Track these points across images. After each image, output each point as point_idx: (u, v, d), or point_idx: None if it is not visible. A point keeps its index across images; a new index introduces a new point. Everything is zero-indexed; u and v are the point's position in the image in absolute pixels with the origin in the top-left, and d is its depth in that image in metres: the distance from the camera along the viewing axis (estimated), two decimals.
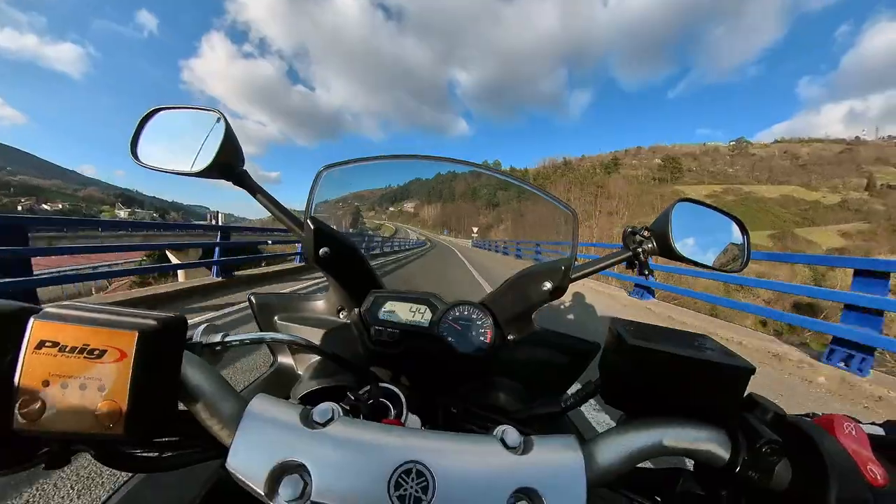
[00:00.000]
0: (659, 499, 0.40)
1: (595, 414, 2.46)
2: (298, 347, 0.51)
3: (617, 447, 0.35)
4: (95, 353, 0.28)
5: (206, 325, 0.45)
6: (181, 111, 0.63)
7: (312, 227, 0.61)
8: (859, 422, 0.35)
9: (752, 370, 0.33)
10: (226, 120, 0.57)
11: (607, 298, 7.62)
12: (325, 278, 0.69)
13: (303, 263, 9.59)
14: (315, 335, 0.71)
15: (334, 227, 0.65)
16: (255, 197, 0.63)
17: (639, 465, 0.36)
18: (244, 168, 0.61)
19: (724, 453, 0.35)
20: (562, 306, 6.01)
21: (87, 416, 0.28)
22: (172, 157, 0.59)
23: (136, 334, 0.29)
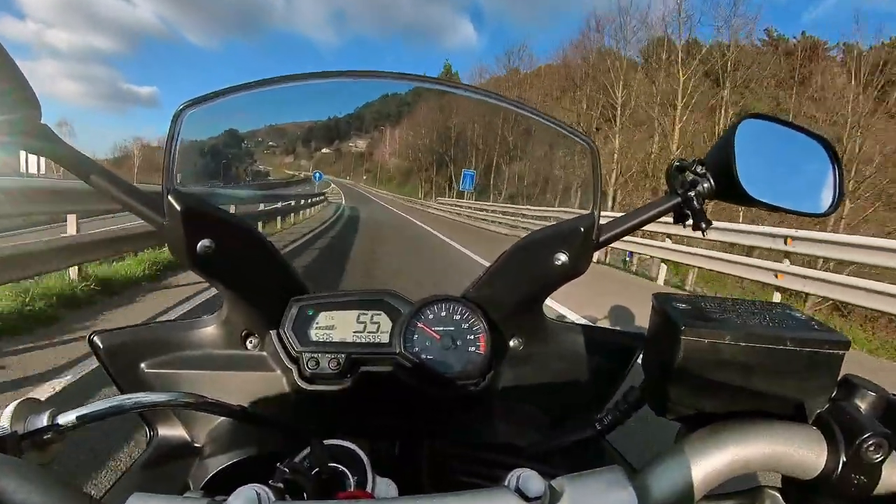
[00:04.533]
0: None
1: None
2: (187, 408, 0.41)
3: (680, 474, 0.30)
4: None
5: (18, 402, 0.34)
6: None
7: (179, 207, 0.44)
8: None
9: (847, 343, 0.31)
10: None
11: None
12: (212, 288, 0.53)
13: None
14: (210, 383, 0.56)
15: (213, 204, 0.49)
16: (76, 172, 0.43)
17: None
18: (42, 122, 0.42)
19: (818, 458, 0.30)
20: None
21: None
22: None
23: None
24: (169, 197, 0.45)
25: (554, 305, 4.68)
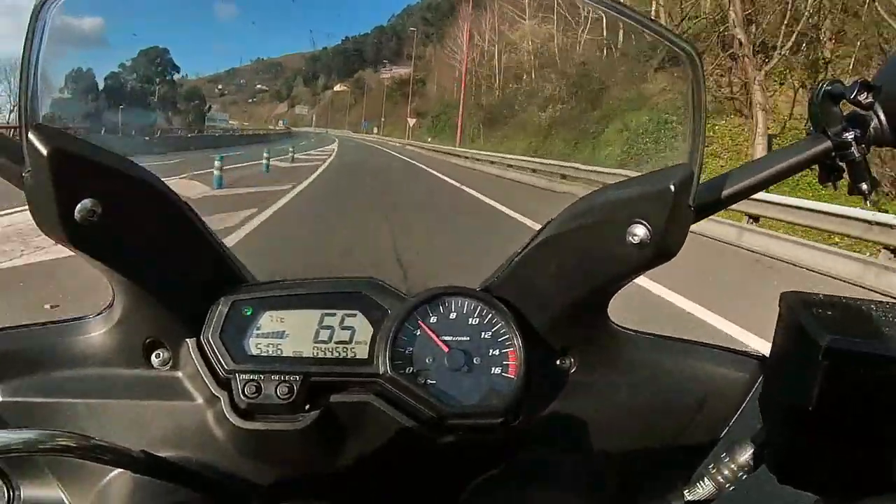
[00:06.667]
0: None
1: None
2: (63, 455, 0.32)
3: None
4: None
5: None
6: None
7: (44, 150, 0.34)
8: None
9: None
10: None
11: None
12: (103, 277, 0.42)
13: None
14: (96, 417, 0.45)
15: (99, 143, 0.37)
16: None
17: None
18: None
19: None
20: None
21: None
22: None
23: None
24: (30, 135, 0.35)
25: None
